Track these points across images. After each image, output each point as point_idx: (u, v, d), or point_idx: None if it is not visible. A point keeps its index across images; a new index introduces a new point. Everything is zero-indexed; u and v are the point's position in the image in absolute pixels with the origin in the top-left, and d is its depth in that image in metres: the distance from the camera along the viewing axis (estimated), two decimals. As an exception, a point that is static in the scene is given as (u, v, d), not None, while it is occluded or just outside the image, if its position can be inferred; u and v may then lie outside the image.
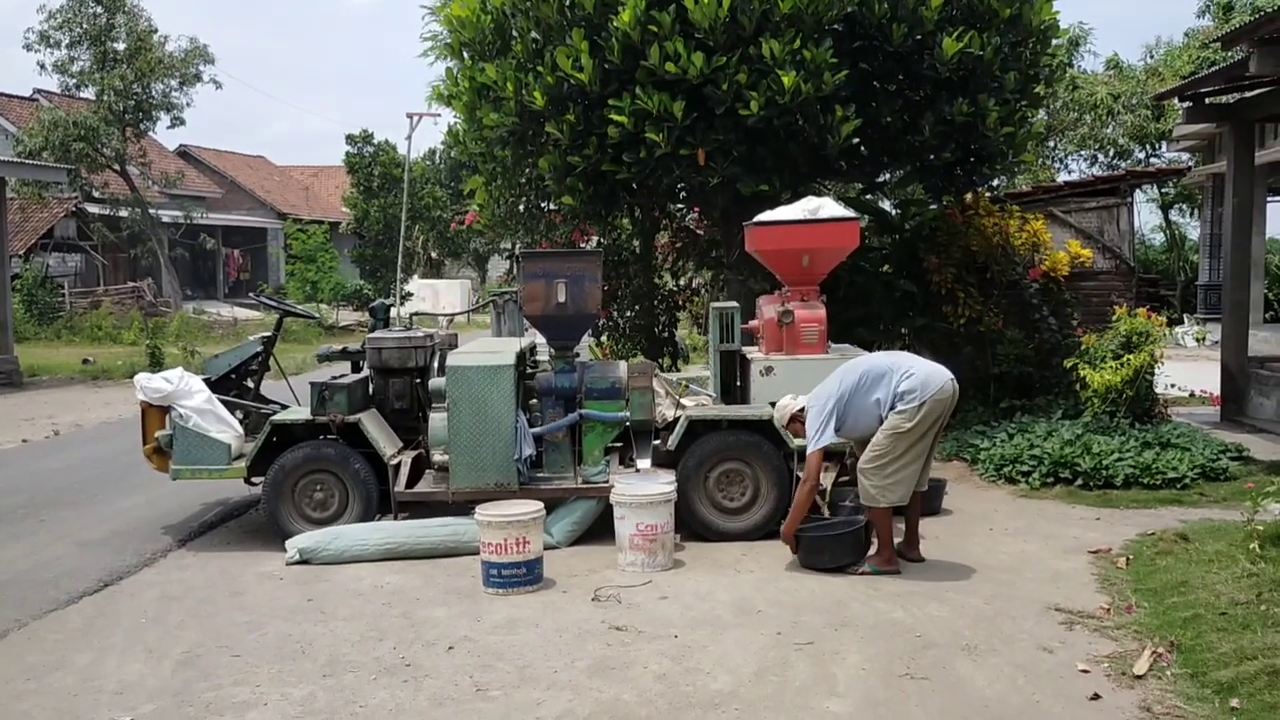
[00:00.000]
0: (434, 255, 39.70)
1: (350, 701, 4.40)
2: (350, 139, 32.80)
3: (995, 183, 11.34)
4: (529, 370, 7.16)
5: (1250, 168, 11.27)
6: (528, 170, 10.23)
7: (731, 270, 10.04)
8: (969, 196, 10.44)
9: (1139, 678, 4.43)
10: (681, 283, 12.40)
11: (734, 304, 7.68)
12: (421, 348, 7.21)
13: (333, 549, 6.40)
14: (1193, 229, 27.83)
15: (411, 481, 6.85)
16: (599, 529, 6.74)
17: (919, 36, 8.63)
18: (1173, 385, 10.32)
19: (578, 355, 7.04)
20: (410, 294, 30.89)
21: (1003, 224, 10.48)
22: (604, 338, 11.88)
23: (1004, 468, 8.42)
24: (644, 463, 6.80)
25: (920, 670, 4.60)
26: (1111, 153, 24.27)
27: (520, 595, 5.71)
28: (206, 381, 7.29)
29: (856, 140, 9.10)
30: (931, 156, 9.38)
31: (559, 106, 8.90)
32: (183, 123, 28.81)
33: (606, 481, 6.68)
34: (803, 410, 6.25)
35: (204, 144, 40.79)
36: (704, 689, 4.44)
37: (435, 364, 7.32)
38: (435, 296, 33.48)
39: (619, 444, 7.07)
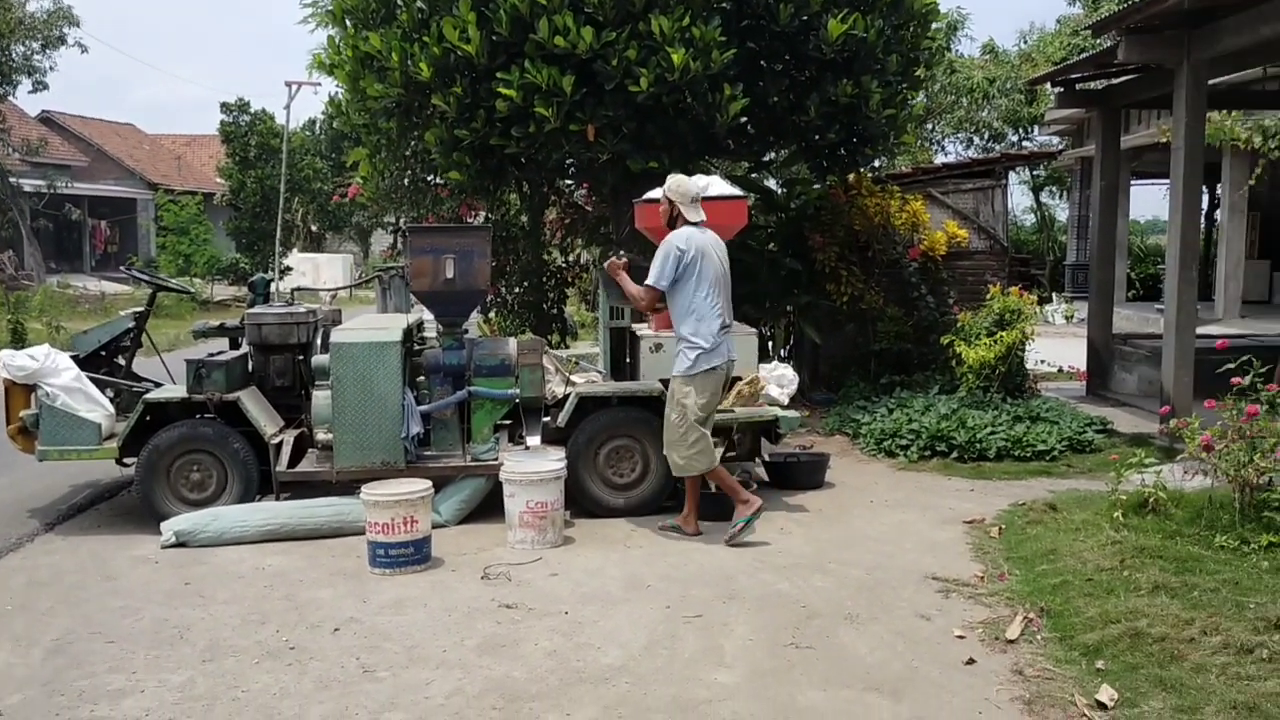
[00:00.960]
0: (314, 229, 38.72)
1: (232, 686, 4.29)
2: (225, 107, 31.63)
3: (877, 164, 11.58)
4: (416, 347, 7.05)
5: (1117, 152, 11.74)
6: (413, 143, 10.04)
7: (621, 247, 10.04)
8: (852, 177, 10.65)
9: (1011, 642, 4.62)
10: (570, 259, 12.35)
11: None
12: (304, 324, 7.03)
13: (211, 531, 6.22)
14: (1062, 210, 29.02)
15: (293, 461, 6.69)
16: (488, 507, 6.70)
17: (805, 17, 8.73)
18: (1042, 361, 10.76)
19: (466, 332, 6.96)
20: (290, 268, 30.07)
21: (884, 204, 10.73)
22: (492, 314, 11.78)
23: (884, 442, 8.65)
24: (534, 440, 6.78)
25: (805, 640, 4.70)
26: (987, 135, 25.10)
27: (408, 575, 5.64)
28: (75, 359, 6.98)
29: (744, 119, 9.19)
30: (816, 137, 9.54)
31: (446, 78, 8.75)
32: (46, 87, 27.49)
33: (495, 459, 6.64)
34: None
35: (69, 110, 38.88)
36: (595, 663, 4.47)
37: (318, 340, 7.14)
38: (316, 271, 32.67)
39: (508, 421, 7.02)
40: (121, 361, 7.46)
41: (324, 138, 37.70)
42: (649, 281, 6.24)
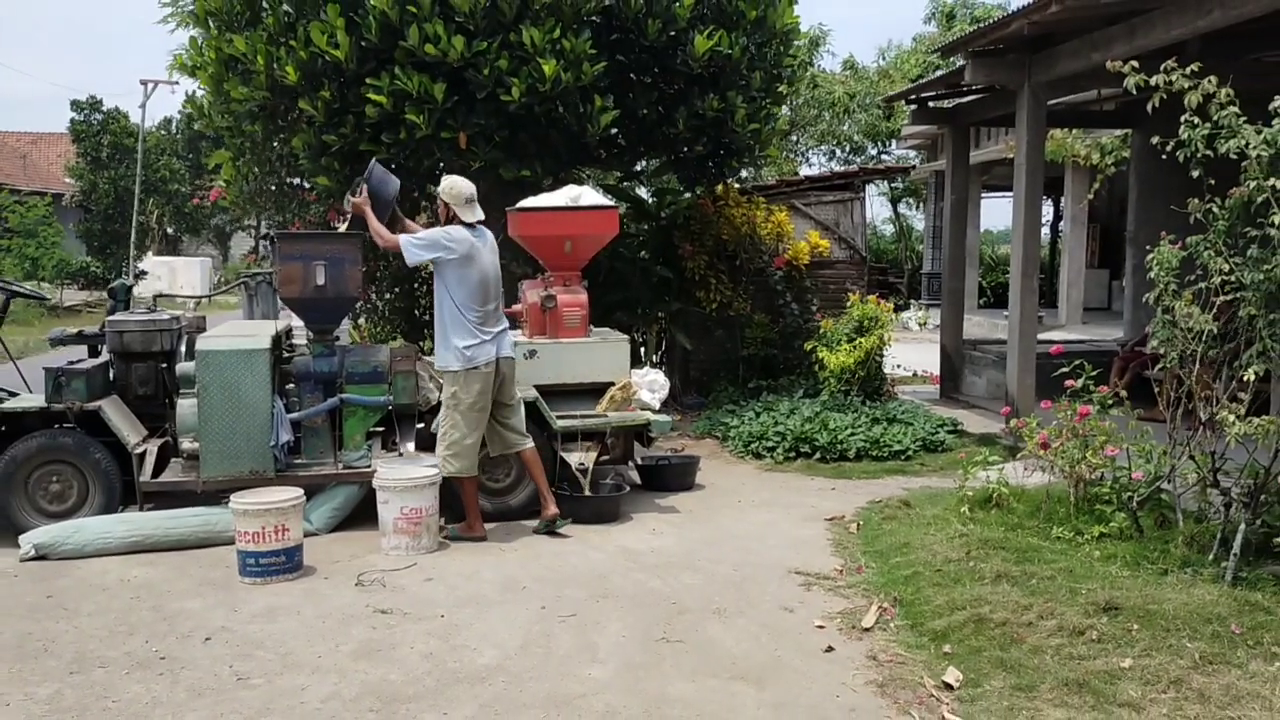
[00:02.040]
0: (170, 231, 37.42)
1: (102, 697, 4.24)
2: (76, 105, 30.35)
3: (743, 175, 11.93)
4: (286, 354, 6.99)
5: (967, 167, 12.37)
6: (279, 147, 9.91)
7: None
8: (720, 188, 10.97)
9: (867, 630, 4.91)
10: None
11: None
12: (167, 331, 6.90)
13: (73, 543, 6.06)
14: (918, 221, 30.17)
15: (157, 471, 6.56)
16: (360, 515, 6.70)
17: (673, 33, 8.97)
18: (899, 366, 11.27)
19: (338, 339, 6.95)
20: (145, 272, 28.98)
21: (750, 214, 11.08)
22: (362, 320, 11.68)
23: (752, 444, 8.95)
24: (408, 447, 6.82)
25: (675, 634, 4.89)
26: (848, 148, 25.94)
27: (280, 583, 5.62)
28: (-79, 367, 6.71)
29: (615, 130, 9.37)
30: (685, 149, 9.80)
31: (313, 82, 8.69)
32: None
33: (369, 466, 6.65)
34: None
35: (-100, 103, 36.65)
36: (471, 664, 4.56)
37: (182, 348, 7.02)
38: (172, 275, 31.53)
39: (381, 429, 7.03)
40: (-29, 370, 7.18)
41: (181, 138, 36.48)
42: (406, 239, 6.36)
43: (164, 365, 6.91)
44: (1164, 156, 5.45)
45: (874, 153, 26.14)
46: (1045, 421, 6.41)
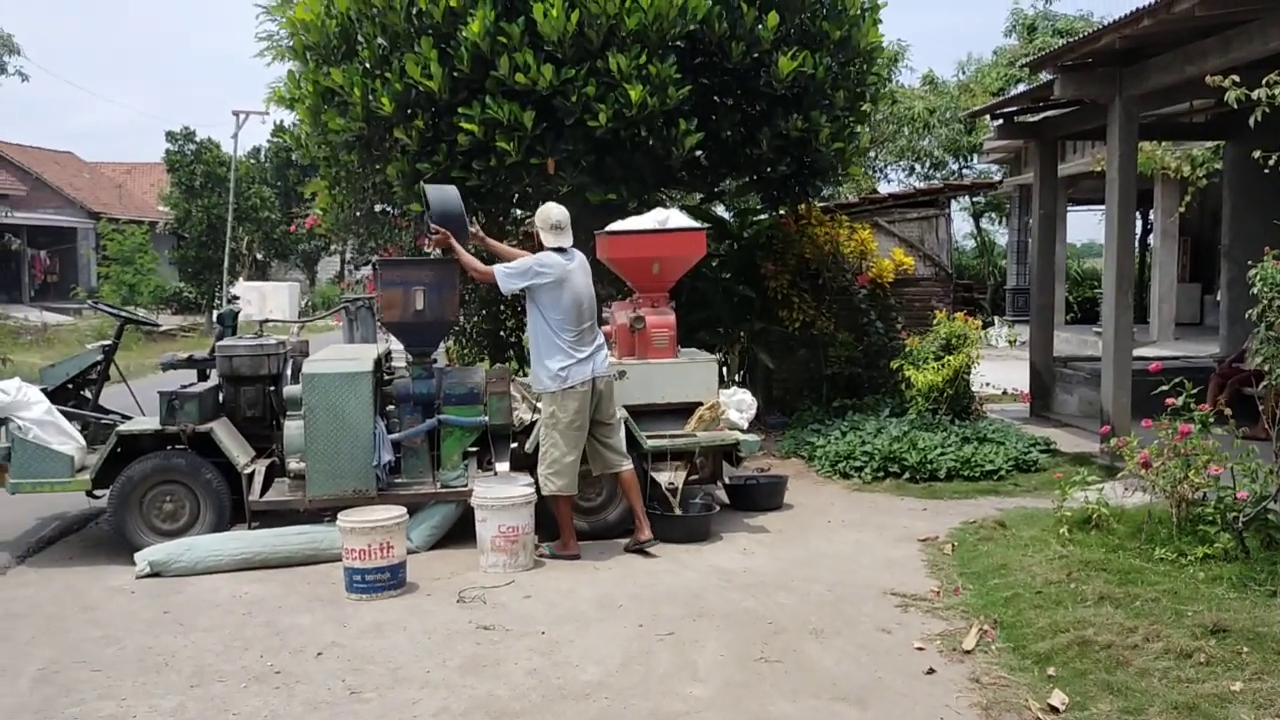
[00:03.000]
0: (259, 257, 38.46)
1: (223, 710, 4.41)
2: (171, 136, 31.38)
3: (825, 193, 11.94)
4: (386, 377, 7.20)
5: (1055, 181, 12.23)
6: (374, 176, 10.19)
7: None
8: (802, 207, 10.99)
9: (968, 652, 4.88)
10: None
11: None
12: (275, 355, 7.16)
13: (186, 560, 6.30)
14: (1000, 236, 29.75)
15: (263, 490, 6.79)
16: (457, 532, 6.86)
17: (756, 55, 9.05)
18: (987, 384, 11.11)
19: (435, 361, 7.14)
20: (236, 297, 29.82)
21: (833, 233, 11.08)
22: (450, 343, 11.92)
23: (838, 463, 8.93)
24: (502, 466, 6.96)
25: (773, 654, 4.93)
26: (927, 164, 25.72)
27: (385, 600, 5.78)
28: (44, 392, 7.03)
29: (699, 152, 9.47)
30: (768, 169, 9.85)
31: (407, 113, 8.94)
32: (-15, 116, 27.04)
33: (465, 485, 6.80)
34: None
35: (4, 138, 38.31)
36: (574, 681, 4.65)
37: (288, 371, 7.27)
38: (262, 299, 32.33)
39: (476, 448, 7.19)
40: (89, 394, 7.51)
41: (269, 166, 37.52)
42: (500, 269, 6.51)
43: (271, 388, 7.16)
44: (1266, 170, 5.37)
45: (955, 168, 25.87)
46: (1145, 440, 6.31)
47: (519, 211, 11.66)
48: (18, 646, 5.20)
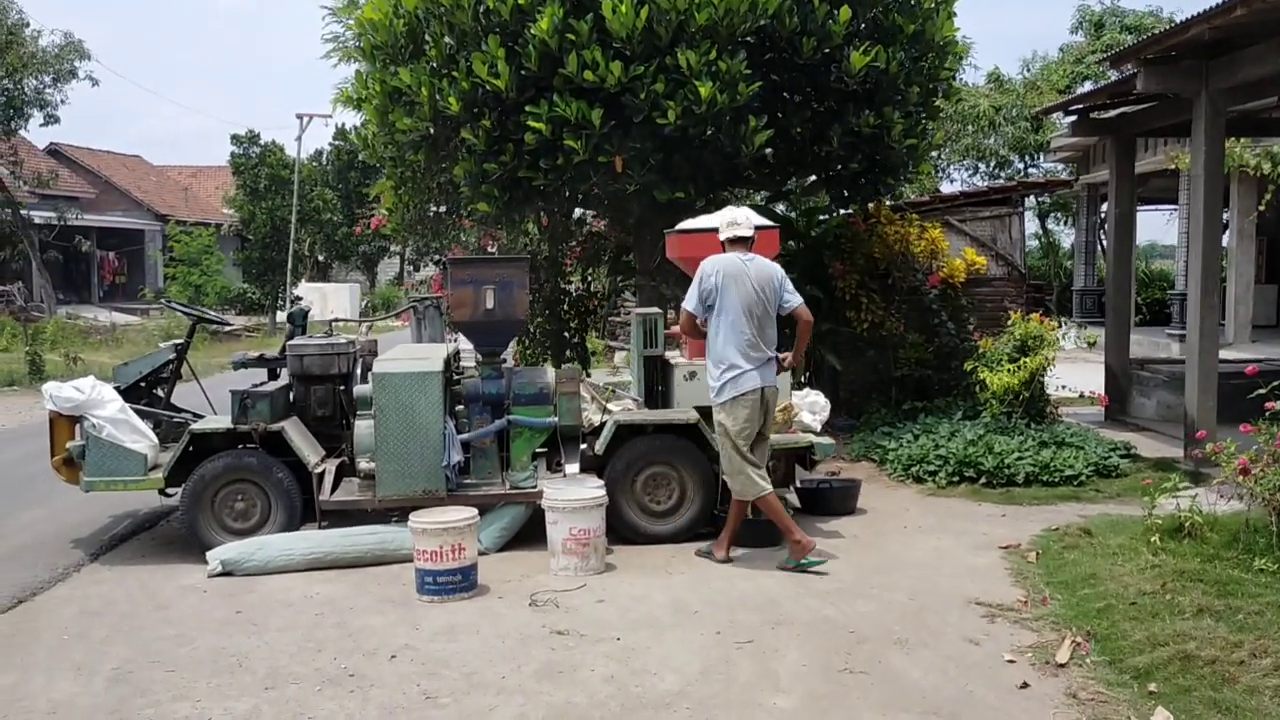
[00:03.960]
0: (321, 259, 38.91)
1: (298, 714, 4.35)
2: (236, 139, 31.91)
3: (898, 191, 11.71)
4: (455, 376, 7.14)
5: (1131, 179, 11.88)
6: (441, 175, 10.17)
7: (645, 276, 10.17)
8: (872, 205, 10.78)
9: (1061, 666, 4.69)
10: (590, 288, 12.47)
11: (656, 310, 7.77)
12: (345, 354, 7.13)
13: (257, 559, 6.29)
14: (1066, 236, 29.16)
15: (333, 490, 6.76)
16: (526, 534, 6.78)
17: (827, 50, 8.87)
18: (1062, 386, 10.82)
19: (505, 361, 7.06)
20: (299, 298, 30.19)
21: (903, 232, 10.86)
22: (513, 343, 11.88)
23: (911, 467, 8.72)
24: (572, 468, 6.86)
25: (858, 665, 4.77)
26: (992, 162, 25.24)
27: (457, 602, 5.71)
28: (117, 390, 7.06)
29: (768, 149, 9.31)
30: (839, 166, 9.66)
31: (474, 112, 8.88)
32: (57, 120, 27.56)
33: (534, 487, 6.72)
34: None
35: (76, 142, 39.15)
36: (653, 689, 4.53)
37: (357, 370, 7.23)
38: (323, 300, 32.68)
39: (545, 449, 7.10)
40: (161, 393, 7.54)
41: (331, 169, 37.95)
42: (685, 304, 6.41)
43: (341, 387, 7.14)
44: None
45: (1020, 167, 25.37)
46: (1243, 446, 6.05)
47: (581, 211, 11.61)
48: (93, 645, 5.20)
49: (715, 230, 7.34)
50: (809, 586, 5.91)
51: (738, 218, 6.71)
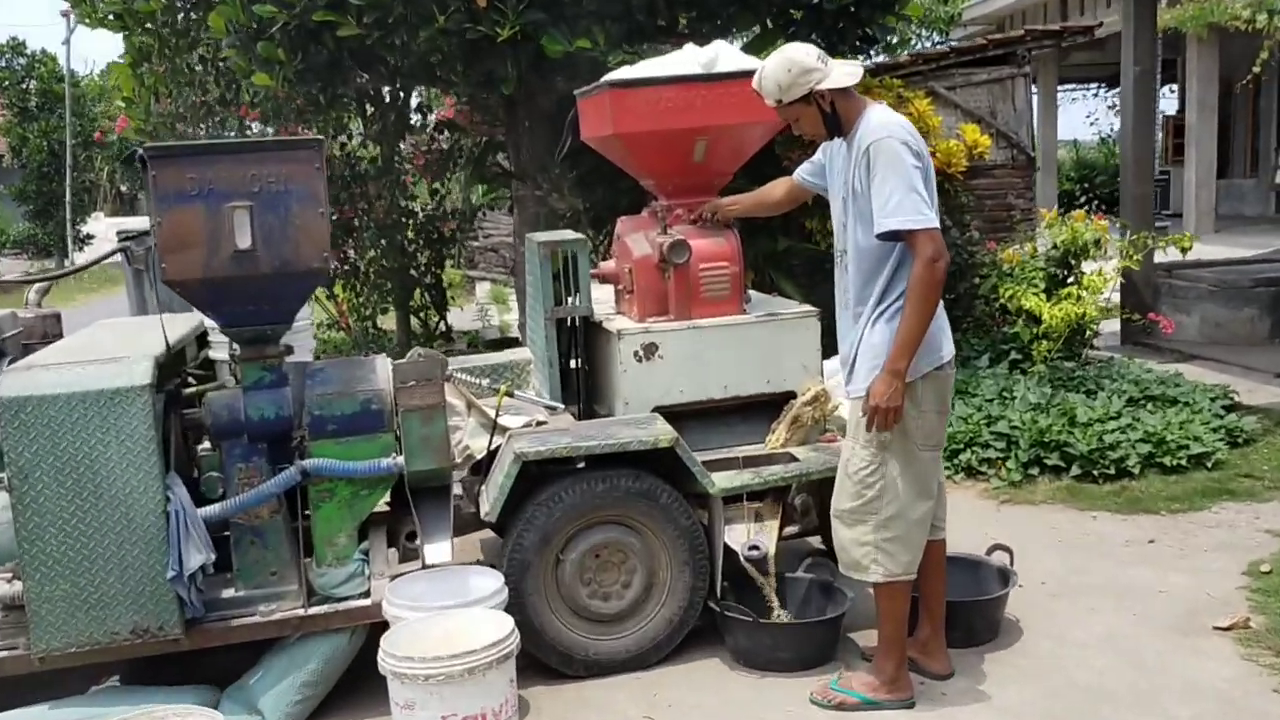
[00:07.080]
0: (124, 189, 33.65)
1: None
2: (-5, 49, 26.63)
3: (891, 40, 8.57)
4: (190, 386, 3.72)
5: (1152, 26, 9.04)
6: (196, 33, 6.52)
7: (527, 182, 6.75)
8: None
9: None
10: (444, 206, 8.93)
11: (577, 236, 4.37)
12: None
13: None
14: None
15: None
16: (353, 683, 3.49)
17: None
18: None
19: (290, 350, 3.61)
20: (92, 236, 25.51)
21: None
22: (338, 289, 8.36)
23: (960, 453, 5.74)
24: (438, 549, 3.55)
25: None
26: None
27: None
28: None
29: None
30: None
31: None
32: None
33: (365, 593, 3.43)
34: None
35: None
36: None
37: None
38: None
39: (387, 510, 3.77)
40: None
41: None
42: (913, 225, 3.26)
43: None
44: None
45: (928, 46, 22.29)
46: None
47: (425, 91, 8.08)
48: None
49: (679, 81, 4.08)
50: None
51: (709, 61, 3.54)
